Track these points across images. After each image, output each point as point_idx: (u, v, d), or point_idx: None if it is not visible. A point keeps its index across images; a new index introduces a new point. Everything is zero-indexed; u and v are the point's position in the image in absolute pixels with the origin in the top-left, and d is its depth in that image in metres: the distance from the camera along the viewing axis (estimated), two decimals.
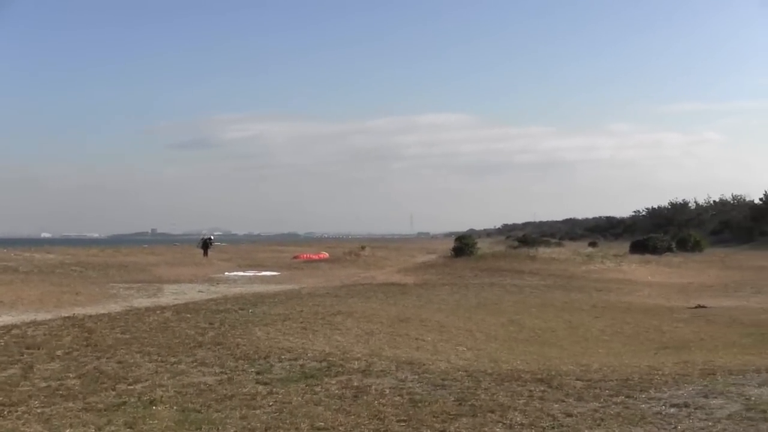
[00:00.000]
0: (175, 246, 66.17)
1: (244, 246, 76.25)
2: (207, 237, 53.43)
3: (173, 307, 18.22)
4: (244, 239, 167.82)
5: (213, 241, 54.33)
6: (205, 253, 46.99)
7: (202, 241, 50.82)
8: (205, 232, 70.23)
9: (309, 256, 49.62)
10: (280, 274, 35.15)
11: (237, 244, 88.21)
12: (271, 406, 7.90)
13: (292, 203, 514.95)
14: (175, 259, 42.84)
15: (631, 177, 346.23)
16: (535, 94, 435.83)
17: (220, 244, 68.03)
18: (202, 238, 52.91)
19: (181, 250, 55.84)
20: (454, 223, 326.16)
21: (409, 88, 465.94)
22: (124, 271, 33.16)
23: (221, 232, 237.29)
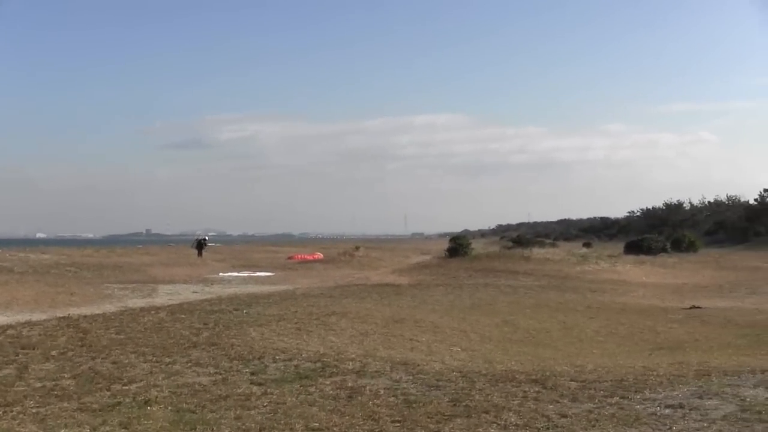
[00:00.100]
0: (170, 246, 65.99)
1: (239, 246, 76.24)
2: (201, 237, 53.49)
3: (168, 308, 18.19)
4: (239, 240, 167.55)
5: (207, 242, 54.33)
6: (199, 254, 46.99)
7: (196, 242, 50.88)
8: (200, 233, 70.25)
9: (303, 256, 49.65)
10: (274, 274, 35.13)
11: (231, 244, 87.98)
12: (266, 406, 7.90)
13: (286, 204, 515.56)
14: (170, 260, 42.81)
15: (626, 177, 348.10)
16: (530, 95, 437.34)
17: (214, 244, 67.93)
18: (197, 238, 52.93)
19: (175, 250, 55.79)
20: (449, 223, 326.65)
21: (404, 88, 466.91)
22: (118, 271, 33.12)
23: (216, 233, 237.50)
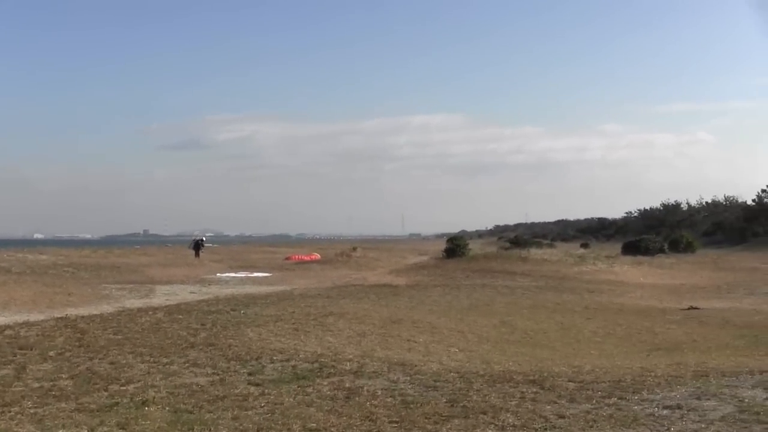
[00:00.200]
0: (167, 247, 65.96)
1: (236, 247, 76.19)
2: (199, 238, 53.53)
3: (165, 308, 18.19)
4: (236, 240, 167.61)
5: (205, 242, 54.34)
6: (196, 254, 47.03)
7: (193, 242, 50.94)
8: (198, 233, 70.23)
9: (301, 257, 49.64)
10: (271, 275, 35.12)
11: (228, 245, 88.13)
12: (263, 407, 7.89)
13: (283, 204, 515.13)
14: (167, 260, 42.78)
15: (623, 178, 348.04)
16: (527, 95, 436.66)
17: (211, 245, 68.00)
18: (194, 239, 52.96)
19: (173, 251, 55.75)
20: (446, 224, 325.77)
21: (401, 88, 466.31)
22: (116, 272, 33.10)
23: (213, 233, 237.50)
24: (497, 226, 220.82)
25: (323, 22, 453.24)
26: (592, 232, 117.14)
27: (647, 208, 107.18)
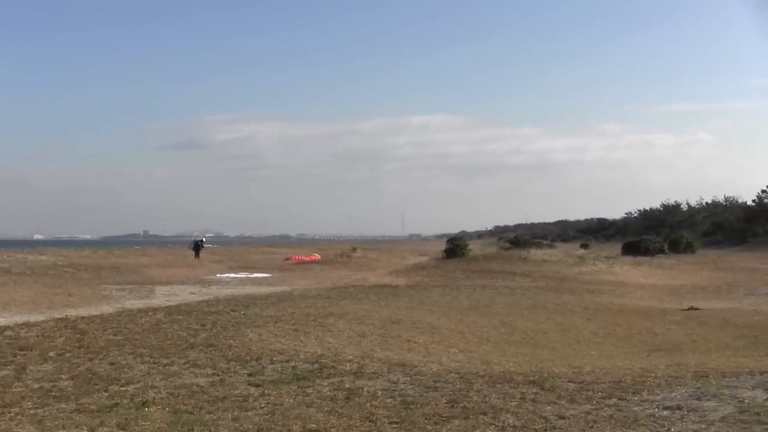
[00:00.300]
0: (167, 248, 65.98)
1: (236, 247, 76.23)
2: (199, 239, 53.57)
3: (165, 309, 18.18)
4: (236, 241, 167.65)
5: (204, 243, 54.34)
6: (196, 255, 47.04)
7: (193, 243, 50.96)
8: (197, 234, 70.24)
9: (300, 257, 49.66)
10: (271, 275, 35.14)
11: (228, 245, 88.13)
12: (263, 407, 7.89)
13: (283, 205, 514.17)
14: (167, 261, 42.81)
15: (623, 178, 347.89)
16: (526, 95, 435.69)
17: (211, 245, 67.96)
18: (194, 239, 52.98)
19: (172, 251, 55.77)
20: (446, 224, 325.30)
21: (401, 89, 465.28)
22: (116, 272, 33.12)
23: (213, 234, 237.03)
24: (497, 227, 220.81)
25: (323, 22, 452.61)
26: (592, 232, 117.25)
27: (647, 208, 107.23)
